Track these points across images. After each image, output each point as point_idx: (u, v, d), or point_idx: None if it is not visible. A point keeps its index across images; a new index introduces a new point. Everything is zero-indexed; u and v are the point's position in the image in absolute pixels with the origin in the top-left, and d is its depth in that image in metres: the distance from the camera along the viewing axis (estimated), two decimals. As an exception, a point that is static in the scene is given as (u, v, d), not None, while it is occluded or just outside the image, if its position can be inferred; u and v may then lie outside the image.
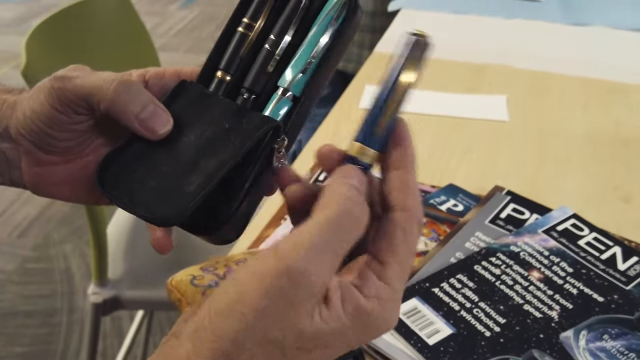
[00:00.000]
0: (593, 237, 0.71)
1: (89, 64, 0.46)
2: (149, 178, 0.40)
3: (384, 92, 0.38)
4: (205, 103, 0.42)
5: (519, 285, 0.63)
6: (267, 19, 0.43)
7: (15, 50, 3.64)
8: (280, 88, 0.41)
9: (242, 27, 0.43)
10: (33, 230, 2.16)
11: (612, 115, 1.06)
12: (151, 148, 0.41)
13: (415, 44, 0.38)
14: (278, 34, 0.42)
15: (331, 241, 0.32)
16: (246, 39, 0.43)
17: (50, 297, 1.88)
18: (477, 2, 1.63)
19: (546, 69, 1.24)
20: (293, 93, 0.41)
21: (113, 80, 0.40)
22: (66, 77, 0.41)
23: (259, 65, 0.42)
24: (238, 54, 0.43)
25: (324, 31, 0.41)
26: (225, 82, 0.43)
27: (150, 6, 4.59)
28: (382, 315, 0.34)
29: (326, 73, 0.42)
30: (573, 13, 1.57)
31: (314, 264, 0.31)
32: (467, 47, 1.34)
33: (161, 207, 0.38)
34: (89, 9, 1.33)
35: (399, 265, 0.35)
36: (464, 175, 0.87)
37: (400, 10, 1.54)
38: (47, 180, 0.43)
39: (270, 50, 0.42)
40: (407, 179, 0.37)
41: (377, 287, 0.34)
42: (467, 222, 0.73)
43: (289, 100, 0.41)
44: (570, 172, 0.89)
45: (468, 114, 1.05)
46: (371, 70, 1.21)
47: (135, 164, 0.41)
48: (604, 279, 0.65)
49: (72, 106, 0.41)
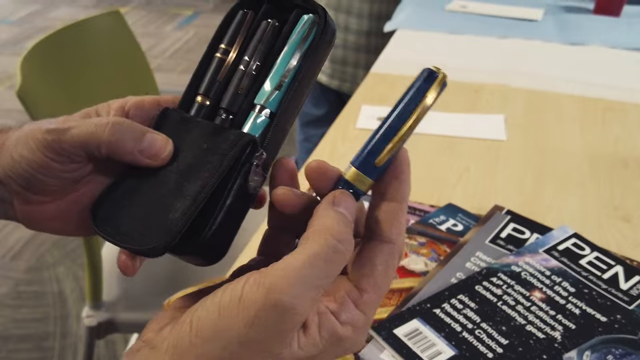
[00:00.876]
0: (594, 256, 0.70)
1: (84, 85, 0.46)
2: (135, 210, 0.40)
3: (394, 125, 0.37)
4: (185, 127, 0.43)
5: (521, 306, 0.62)
6: (242, 43, 0.44)
7: (9, 70, 3.65)
8: (257, 105, 0.42)
9: (220, 53, 0.44)
10: (26, 253, 2.14)
11: (610, 134, 1.06)
12: (139, 180, 0.42)
13: (430, 79, 0.37)
14: (251, 54, 0.43)
15: (318, 277, 0.33)
16: (223, 64, 0.44)
17: (43, 320, 1.86)
18: (474, 22, 1.64)
19: (543, 88, 1.24)
20: (269, 109, 0.42)
21: (106, 124, 0.41)
22: (60, 129, 0.41)
23: (235, 85, 0.43)
24: (216, 78, 0.44)
25: (295, 49, 0.42)
26: (205, 106, 0.44)
27: (145, 27, 4.61)
28: (354, 340, 0.36)
29: (301, 89, 0.42)
30: (570, 32, 1.58)
31: (301, 299, 0.32)
32: (464, 66, 1.34)
33: (148, 238, 0.38)
34: (85, 30, 1.33)
35: (376, 294, 0.36)
36: (462, 194, 0.86)
37: (397, 31, 1.55)
38: (37, 217, 0.44)
39: (244, 70, 0.43)
40: (398, 212, 0.37)
41: (353, 314, 0.35)
42: (467, 242, 0.72)
43: (265, 117, 0.42)
44: (570, 191, 0.88)
45: (466, 134, 1.04)
46: (367, 91, 1.21)
47: (123, 197, 0.41)
48: (606, 299, 0.64)
49: (69, 156, 0.41)
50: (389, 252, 0.37)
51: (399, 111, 0.37)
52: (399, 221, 0.37)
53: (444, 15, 1.69)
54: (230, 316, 0.32)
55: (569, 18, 1.72)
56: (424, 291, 0.64)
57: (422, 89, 0.37)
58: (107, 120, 0.41)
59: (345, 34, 1.80)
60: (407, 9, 1.68)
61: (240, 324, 0.32)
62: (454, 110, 1.13)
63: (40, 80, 1.15)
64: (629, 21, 1.70)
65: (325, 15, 0.42)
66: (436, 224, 0.76)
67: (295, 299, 0.32)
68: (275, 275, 0.32)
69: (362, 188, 0.38)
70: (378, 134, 0.37)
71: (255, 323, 0.32)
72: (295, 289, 0.32)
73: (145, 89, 1.43)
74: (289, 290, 0.32)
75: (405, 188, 0.38)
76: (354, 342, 0.36)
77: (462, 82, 1.25)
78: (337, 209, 0.35)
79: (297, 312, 0.32)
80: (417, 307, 0.61)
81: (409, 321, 0.60)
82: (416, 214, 0.78)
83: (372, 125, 1.05)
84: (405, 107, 0.37)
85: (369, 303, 0.36)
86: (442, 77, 0.37)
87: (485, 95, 1.20)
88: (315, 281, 0.33)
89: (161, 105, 0.45)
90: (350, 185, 0.37)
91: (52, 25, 4.28)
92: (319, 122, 1.94)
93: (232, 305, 0.32)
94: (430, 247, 0.72)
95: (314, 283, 0.33)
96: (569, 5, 1.86)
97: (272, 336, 0.32)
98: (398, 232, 0.37)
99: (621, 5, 1.73)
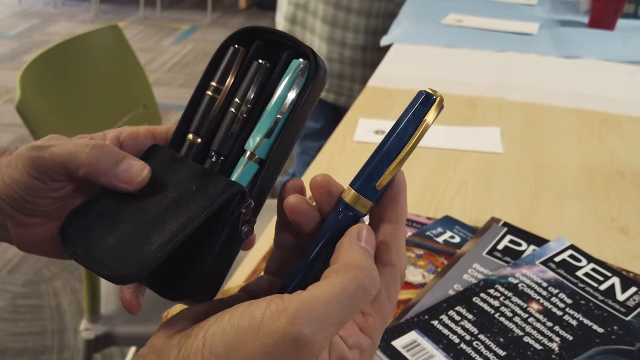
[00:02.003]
0: (591, 267, 0.70)
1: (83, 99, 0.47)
2: (110, 235, 0.40)
3: (393, 149, 0.37)
4: (174, 166, 0.43)
5: (518, 317, 0.62)
6: (234, 82, 0.44)
7: (7, 85, 3.66)
8: (247, 152, 0.42)
9: (211, 91, 0.44)
10: (24, 266, 2.14)
11: (606, 146, 1.07)
12: (116, 206, 0.41)
13: (428, 102, 0.37)
14: (242, 96, 0.43)
15: (343, 314, 0.33)
16: (214, 102, 0.44)
17: (41, 334, 1.85)
18: (469, 36, 1.65)
19: (539, 101, 1.25)
20: (259, 156, 0.41)
21: (87, 146, 0.41)
22: (43, 146, 0.41)
23: (225, 127, 0.43)
24: (207, 117, 0.44)
25: (286, 95, 0.41)
26: (195, 145, 0.44)
27: (143, 42, 4.63)
28: None
29: (291, 135, 0.42)
30: (565, 46, 1.59)
31: (322, 334, 0.32)
32: (461, 80, 1.35)
33: (118, 265, 0.38)
34: (83, 44, 1.34)
35: (381, 319, 0.36)
36: (459, 206, 0.86)
37: (393, 45, 1.56)
38: (30, 239, 0.44)
39: (235, 112, 0.43)
40: (398, 235, 0.38)
41: (360, 338, 0.35)
42: (465, 254, 0.72)
43: (255, 163, 0.41)
44: (566, 203, 0.89)
45: (463, 146, 1.05)
46: (364, 104, 1.21)
47: (98, 220, 0.41)
48: (603, 310, 0.64)
49: (49, 174, 0.41)
50: (391, 275, 0.37)
51: (397, 134, 0.37)
52: (399, 243, 0.37)
53: (439, 29, 1.71)
54: (248, 340, 0.32)
55: (564, 32, 1.73)
56: (421, 303, 0.64)
57: (420, 112, 0.37)
58: (88, 142, 0.42)
59: (341, 48, 1.81)
60: (403, 23, 1.69)
61: (257, 350, 0.31)
62: (451, 124, 1.13)
63: (39, 94, 1.16)
64: (623, 35, 1.71)
65: (315, 59, 0.41)
66: (433, 236, 0.76)
67: (317, 334, 0.32)
68: (299, 306, 0.32)
69: (362, 210, 0.38)
70: (377, 157, 0.37)
71: (274, 353, 0.31)
72: (319, 324, 0.32)
73: (144, 102, 1.44)
74: (312, 325, 0.31)
75: (403, 209, 0.38)
76: None
77: (459, 96, 1.26)
78: (362, 245, 0.35)
79: (316, 347, 0.32)
80: (415, 319, 0.62)
81: (407, 333, 0.60)
82: (414, 226, 0.79)
83: (369, 139, 1.06)
84: (404, 130, 0.37)
85: (374, 327, 0.36)
86: (439, 100, 0.37)
87: (482, 109, 1.21)
88: (339, 318, 0.32)
89: (155, 136, 0.45)
90: (350, 208, 0.38)
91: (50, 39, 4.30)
92: (317, 135, 1.95)
93: (251, 330, 0.32)
94: (427, 259, 0.72)
95: (337, 319, 0.32)
96: (563, 19, 1.88)
97: None
98: (398, 255, 0.37)
99: (615, 19, 1.74)
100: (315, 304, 0.32)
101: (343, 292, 0.32)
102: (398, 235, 0.37)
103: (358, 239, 0.36)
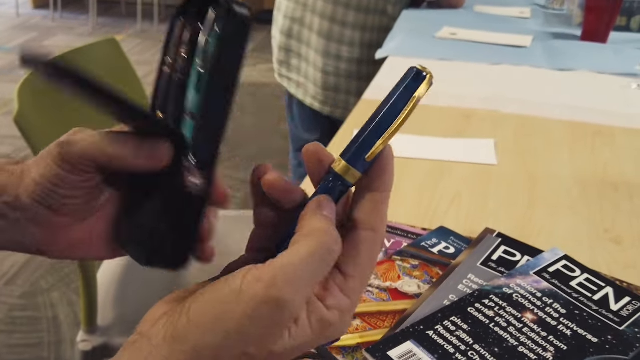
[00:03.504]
0: (585, 277, 0.71)
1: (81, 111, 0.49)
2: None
3: (384, 122, 0.39)
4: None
5: (513, 327, 0.63)
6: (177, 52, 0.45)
7: (5, 97, 3.67)
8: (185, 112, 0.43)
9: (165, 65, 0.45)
10: (21, 278, 2.14)
11: (599, 158, 1.08)
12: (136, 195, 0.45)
13: (419, 78, 0.39)
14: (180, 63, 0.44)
15: (314, 275, 0.36)
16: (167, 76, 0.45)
17: (37, 346, 1.85)
18: (463, 49, 1.66)
19: (533, 113, 1.26)
20: (191, 111, 0.43)
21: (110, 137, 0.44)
22: (70, 141, 0.44)
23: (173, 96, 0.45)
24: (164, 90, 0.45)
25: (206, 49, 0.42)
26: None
27: (140, 55, 4.64)
28: (340, 325, 0.38)
29: (221, 87, 0.43)
30: (558, 59, 1.61)
31: (298, 295, 0.35)
32: (455, 93, 1.36)
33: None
34: (81, 57, 1.35)
35: (361, 279, 0.39)
36: (454, 218, 0.87)
37: (388, 58, 1.57)
38: (60, 242, 0.46)
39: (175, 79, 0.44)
40: (383, 202, 0.40)
41: (339, 299, 0.38)
42: (459, 265, 0.73)
43: (189, 118, 0.43)
44: (560, 214, 0.90)
45: (457, 158, 1.06)
46: (359, 117, 1.22)
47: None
48: (597, 320, 0.65)
49: (78, 166, 0.43)
50: (373, 240, 0.39)
51: (389, 108, 0.39)
52: (382, 211, 0.40)
53: (434, 42, 1.72)
54: (230, 309, 0.34)
55: (557, 45, 1.75)
56: (417, 313, 0.65)
57: (412, 88, 0.39)
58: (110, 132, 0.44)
59: (337, 62, 1.82)
60: (398, 37, 1.71)
61: (240, 316, 0.34)
62: (446, 136, 1.14)
63: (38, 106, 1.16)
64: (616, 47, 1.73)
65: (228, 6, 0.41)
66: (428, 246, 0.77)
67: (293, 295, 0.34)
68: (274, 272, 0.34)
69: (351, 181, 0.40)
70: (368, 129, 0.39)
71: (255, 317, 0.34)
72: (293, 286, 0.34)
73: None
74: (288, 287, 0.34)
75: (390, 179, 0.41)
76: (339, 327, 0.38)
77: (453, 108, 1.27)
78: (323, 213, 0.38)
79: (294, 308, 0.35)
80: (411, 329, 0.62)
81: (402, 343, 0.60)
82: (409, 237, 0.79)
83: (365, 150, 1.07)
84: (395, 105, 0.39)
85: (354, 288, 0.38)
86: (430, 77, 0.39)
87: (476, 121, 1.22)
88: (310, 279, 0.35)
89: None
90: (340, 178, 0.40)
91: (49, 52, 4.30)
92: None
93: (231, 298, 0.34)
94: (423, 269, 0.73)
95: (309, 281, 0.35)
96: (556, 32, 1.90)
97: (268, 329, 0.34)
98: (381, 221, 0.40)
99: (608, 32, 1.76)
100: (288, 268, 0.35)
101: (312, 255, 0.35)
102: (383, 204, 0.40)
103: (319, 209, 0.39)
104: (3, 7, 5.80)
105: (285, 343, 0.35)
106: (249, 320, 0.34)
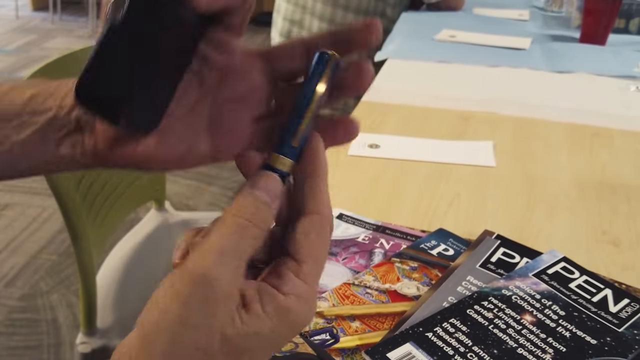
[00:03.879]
0: (584, 279, 0.71)
1: None
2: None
3: (301, 107, 0.42)
4: None
5: (512, 329, 0.63)
6: None
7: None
8: None
9: None
10: (20, 280, 2.14)
11: (597, 160, 1.08)
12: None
13: (325, 61, 0.42)
14: None
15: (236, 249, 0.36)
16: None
17: (37, 348, 1.85)
18: (462, 51, 1.67)
19: (532, 115, 1.26)
20: None
21: None
22: None
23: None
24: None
25: None
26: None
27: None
28: (300, 311, 0.37)
29: None
30: (556, 61, 1.61)
31: (223, 267, 0.35)
32: (454, 95, 1.36)
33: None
34: (81, 60, 1.35)
35: (314, 262, 0.39)
36: (453, 220, 0.87)
37: (387, 60, 1.57)
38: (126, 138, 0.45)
39: None
40: (320, 187, 0.41)
41: (295, 284, 0.38)
42: (458, 267, 0.73)
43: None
44: (559, 216, 0.90)
45: (456, 160, 1.06)
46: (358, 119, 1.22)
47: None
48: (596, 322, 0.65)
49: None
50: (318, 222, 0.40)
51: (302, 93, 0.42)
52: (323, 194, 0.41)
53: (433, 45, 1.73)
54: (167, 308, 0.34)
55: (555, 47, 1.75)
56: (416, 315, 0.65)
57: (318, 71, 0.42)
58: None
59: (337, 63, 1.82)
60: (397, 39, 1.71)
61: (175, 307, 0.34)
62: (445, 138, 1.15)
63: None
64: (614, 49, 1.73)
65: None
66: (427, 248, 0.77)
67: (218, 267, 0.35)
68: (198, 255, 0.35)
69: (284, 169, 0.41)
70: (290, 117, 0.42)
71: (188, 300, 0.34)
72: (216, 260, 0.35)
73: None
74: (210, 263, 0.35)
75: (323, 163, 0.42)
76: (302, 313, 0.38)
77: (452, 110, 1.28)
78: (251, 191, 0.39)
79: (222, 279, 0.35)
80: (410, 331, 0.62)
81: (401, 345, 0.61)
82: (408, 239, 0.80)
83: (363, 153, 1.07)
84: (307, 89, 0.42)
85: (309, 273, 0.38)
86: (332, 58, 0.42)
87: (475, 123, 1.22)
88: (234, 253, 0.36)
89: None
90: (272, 169, 0.41)
91: (48, 55, 4.31)
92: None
93: (167, 298, 0.35)
94: (422, 271, 0.73)
95: (233, 254, 0.36)
96: (555, 34, 1.90)
97: (207, 309, 0.34)
98: (323, 204, 0.41)
99: (606, 34, 1.76)
100: (206, 248, 0.36)
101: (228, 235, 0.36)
102: (320, 187, 0.41)
103: (250, 186, 0.39)
104: (2, 10, 5.81)
105: (238, 329, 0.35)
106: (183, 308, 0.34)
